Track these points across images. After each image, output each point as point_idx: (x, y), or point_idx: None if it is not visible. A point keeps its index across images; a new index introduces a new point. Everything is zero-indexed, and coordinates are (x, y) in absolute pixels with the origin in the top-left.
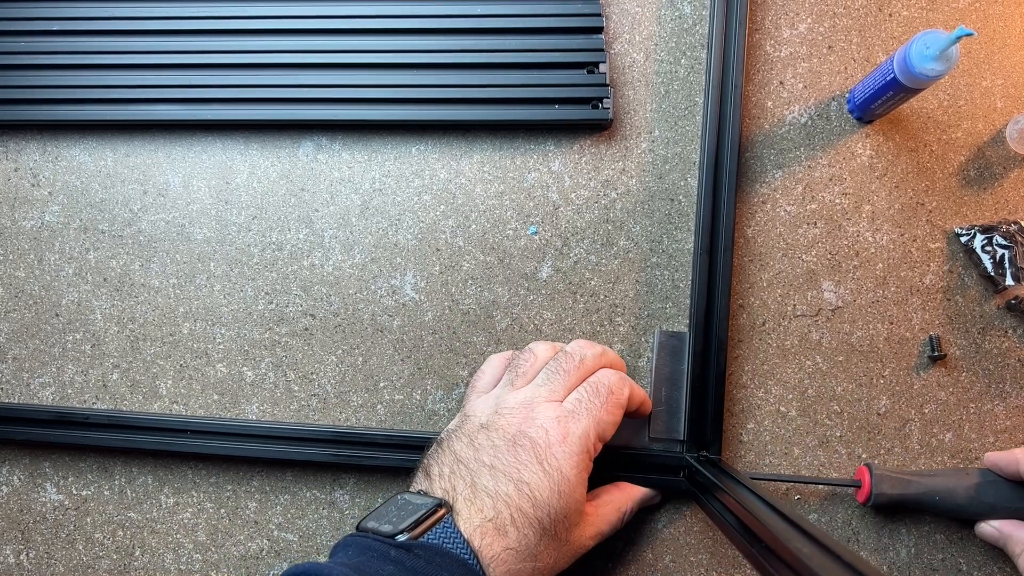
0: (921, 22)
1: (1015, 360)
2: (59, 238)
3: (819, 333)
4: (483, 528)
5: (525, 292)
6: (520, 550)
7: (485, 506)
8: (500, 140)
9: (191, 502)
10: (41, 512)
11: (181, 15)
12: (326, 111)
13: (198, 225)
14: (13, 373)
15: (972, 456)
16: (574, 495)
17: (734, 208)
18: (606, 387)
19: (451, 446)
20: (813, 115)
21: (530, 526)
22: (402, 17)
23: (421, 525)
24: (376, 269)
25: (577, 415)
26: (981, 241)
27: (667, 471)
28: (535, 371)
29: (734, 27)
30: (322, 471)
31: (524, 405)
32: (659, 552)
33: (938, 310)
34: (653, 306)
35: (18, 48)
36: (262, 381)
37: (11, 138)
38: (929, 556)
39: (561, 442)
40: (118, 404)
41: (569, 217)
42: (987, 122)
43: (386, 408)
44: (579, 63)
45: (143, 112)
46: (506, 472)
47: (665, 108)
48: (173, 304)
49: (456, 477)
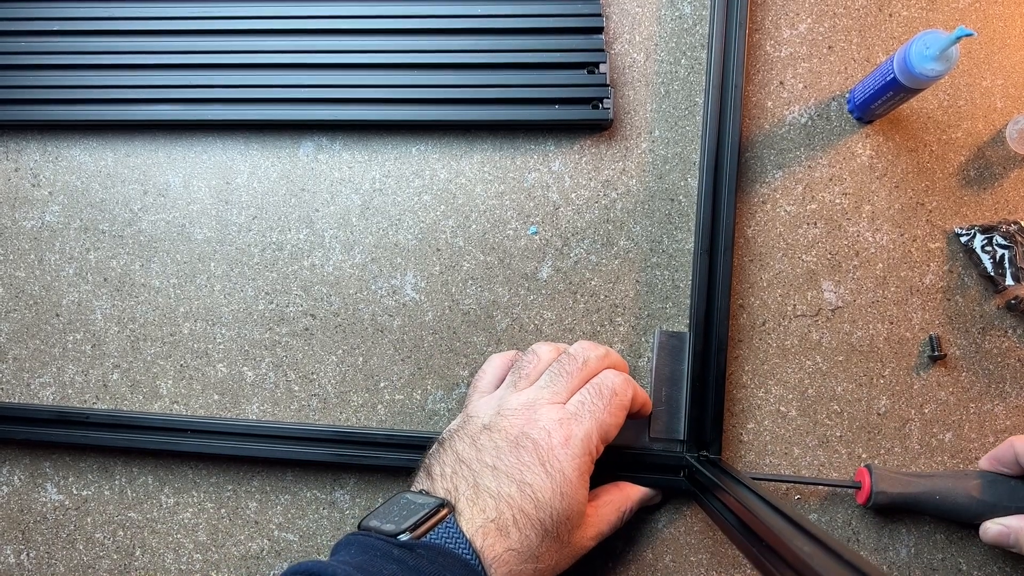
0: (921, 22)
1: (1015, 360)
2: (59, 238)
3: (819, 333)
4: (485, 529)
5: (525, 292)
6: (522, 551)
7: (487, 507)
8: (500, 140)
9: (191, 502)
10: (41, 512)
11: (181, 15)
12: (326, 111)
13: (198, 225)
14: (13, 373)
15: (972, 456)
16: (576, 497)
17: (734, 208)
18: (609, 389)
19: (453, 446)
20: (813, 115)
21: (532, 527)
22: (402, 17)
23: (423, 525)
24: (376, 269)
25: (580, 417)
26: (981, 241)
27: (667, 471)
28: (538, 372)
29: (734, 27)
30: (323, 471)
31: (527, 407)
32: (659, 552)
33: (938, 310)
34: (653, 306)
35: (18, 48)
36: (262, 381)
37: (11, 138)
38: (929, 556)
39: (563, 444)
40: (118, 404)
41: (569, 217)
42: (987, 122)
43: (386, 408)
44: (579, 63)
45: (143, 112)
46: (509, 473)
47: (665, 108)
48: (173, 304)
49: (458, 477)
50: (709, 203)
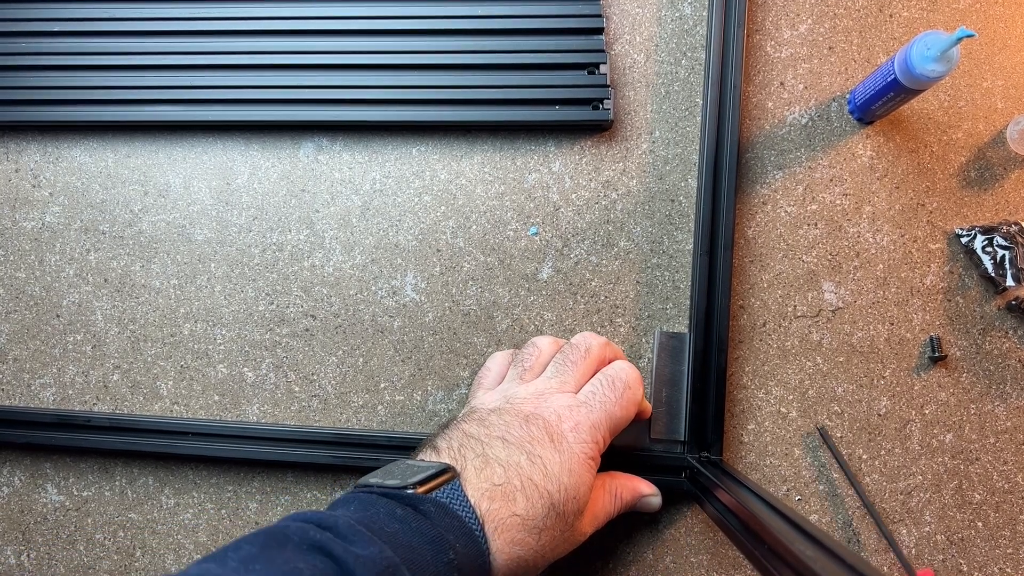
0: (922, 23)
1: (1016, 361)
2: (60, 239)
3: (819, 334)
4: (492, 492)
5: (526, 293)
6: (527, 519)
7: (496, 473)
8: (501, 141)
9: (192, 503)
10: (42, 513)
11: (181, 16)
12: (327, 112)
13: (199, 226)
14: (14, 374)
15: (972, 457)
16: (584, 477)
17: (734, 209)
18: (623, 382)
19: (460, 426)
20: (814, 116)
21: (540, 497)
22: (403, 18)
23: (429, 483)
24: (377, 270)
25: (590, 406)
26: (982, 242)
27: (668, 472)
28: (542, 364)
29: (732, 28)
30: (323, 472)
31: (536, 395)
32: (660, 553)
33: (939, 311)
34: (653, 307)
35: (18, 49)
36: (263, 382)
37: (12, 139)
38: (930, 557)
39: (573, 429)
40: (119, 405)
41: (570, 218)
42: (988, 123)
43: (387, 409)
44: (580, 64)
45: (144, 113)
46: (519, 444)
47: (666, 109)
48: (174, 305)
49: (466, 448)
50: (709, 204)
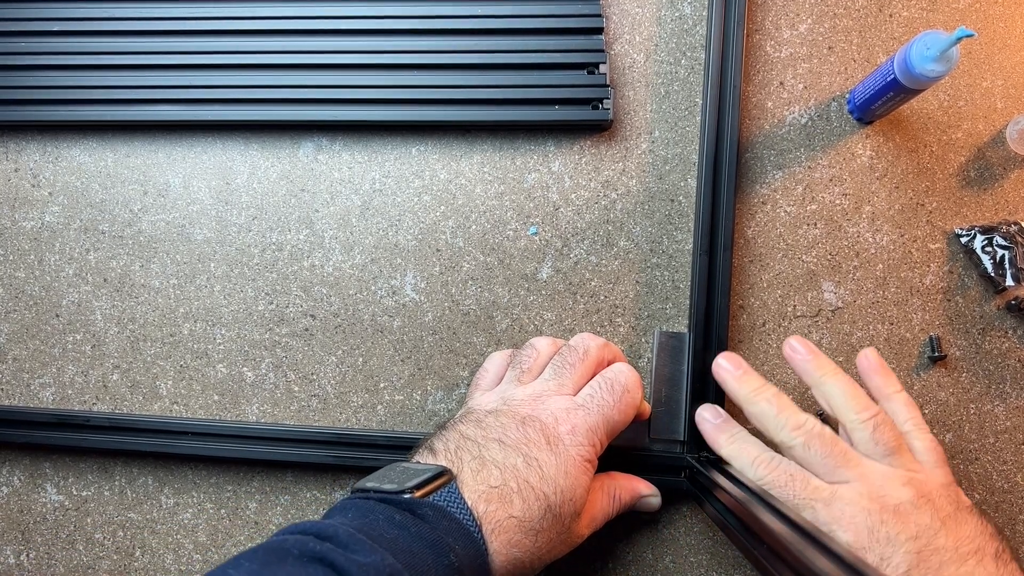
0: (921, 23)
1: (1015, 361)
2: (59, 239)
3: (819, 334)
4: (488, 494)
5: (525, 293)
6: (524, 521)
7: (492, 475)
8: (500, 141)
9: (191, 503)
10: (41, 512)
11: (181, 15)
12: (326, 112)
13: (198, 226)
14: (13, 374)
15: (972, 457)
16: (580, 480)
17: (734, 209)
18: (621, 385)
19: (456, 428)
20: (813, 116)
21: (536, 499)
22: (402, 18)
23: (427, 486)
24: (376, 270)
25: (588, 409)
26: (981, 242)
27: (668, 472)
28: (540, 366)
29: (732, 28)
30: (322, 472)
31: (534, 397)
32: (659, 553)
33: (938, 311)
34: (653, 307)
35: (18, 48)
36: (262, 382)
37: (11, 138)
38: None
39: (569, 432)
40: (118, 405)
41: (569, 218)
42: (987, 123)
43: (386, 409)
44: (579, 64)
45: (143, 112)
46: (515, 446)
47: (665, 109)
48: (173, 305)
49: (463, 451)
50: (709, 204)
